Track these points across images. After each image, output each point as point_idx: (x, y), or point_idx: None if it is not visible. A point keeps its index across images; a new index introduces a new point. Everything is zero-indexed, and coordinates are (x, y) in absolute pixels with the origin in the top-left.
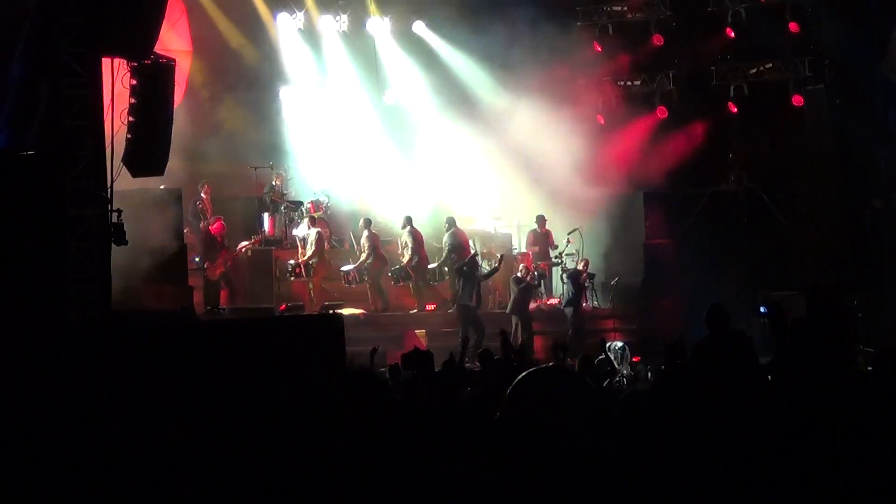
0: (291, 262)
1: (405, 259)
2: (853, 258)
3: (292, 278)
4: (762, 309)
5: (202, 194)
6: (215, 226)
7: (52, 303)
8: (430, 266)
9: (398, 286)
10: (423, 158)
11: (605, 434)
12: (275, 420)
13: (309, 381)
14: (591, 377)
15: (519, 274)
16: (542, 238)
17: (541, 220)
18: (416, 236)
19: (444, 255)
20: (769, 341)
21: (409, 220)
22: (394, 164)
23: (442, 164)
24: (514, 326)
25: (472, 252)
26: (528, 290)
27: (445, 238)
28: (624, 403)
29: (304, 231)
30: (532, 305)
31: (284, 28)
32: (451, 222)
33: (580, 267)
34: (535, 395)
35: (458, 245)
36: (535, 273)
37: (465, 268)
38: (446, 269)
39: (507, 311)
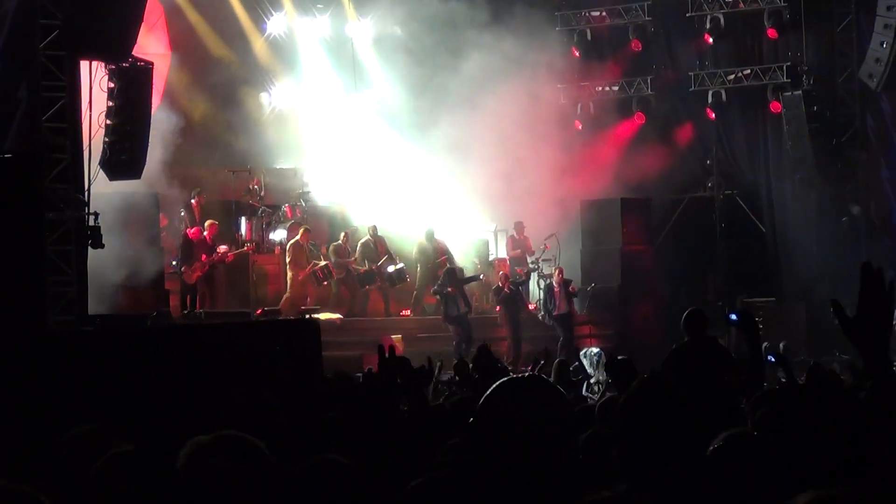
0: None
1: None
2: (830, 264)
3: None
4: (732, 316)
5: (192, 201)
6: (193, 230)
7: (29, 305)
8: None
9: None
10: (400, 163)
11: (579, 442)
12: (250, 424)
13: (285, 386)
14: (566, 383)
15: (499, 284)
16: (520, 244)
17: (519, 226)
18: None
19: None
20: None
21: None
22: (371, 168)
23: (419, 169)
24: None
25: (446, 267)
26: (511, 300)
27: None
28: (599, 410)
29: (281, 236)
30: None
31: (263, 31)
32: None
33: (556, 278)
34: (508, 404)
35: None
36: (520, 277)
37: (441, 286)
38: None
39: (499, 321)
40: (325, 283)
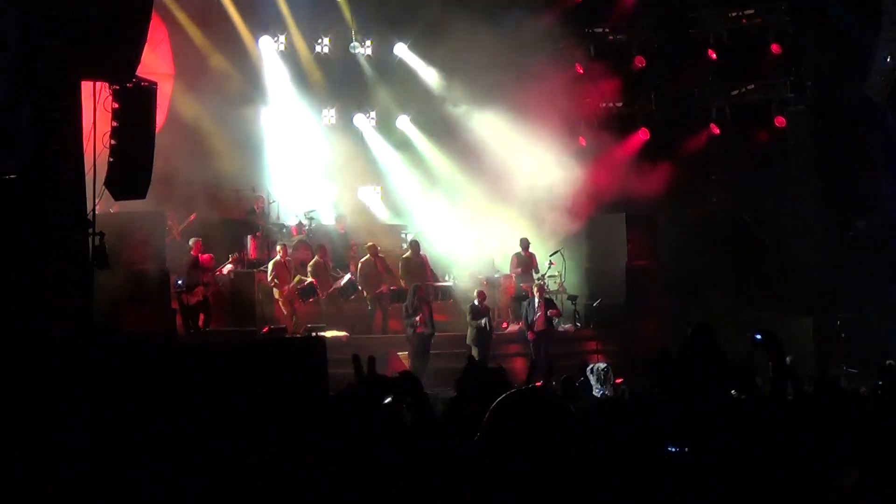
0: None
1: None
2: (836, 278)
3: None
4: (756, 337)
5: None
6: (194, 249)
7: (34, 326)
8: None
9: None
10: (405, 181)
11: (587, 456)
12: (257, 444)
13: (291, 404)
14: (572, 399)
15: (475, 302)
16: (525, 261)
17: (525, 243)
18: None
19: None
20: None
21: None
22: (375, 187)
23: (423, 187)
24: (477, 357)
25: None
26: (479, 317)
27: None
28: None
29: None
30: (514, 328)
31: (266, 51)
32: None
33: (537, 294)
34: (515, 418)
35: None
36: (523, 291)
37: (410, 303)
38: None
39: (466, 341)
40: (311, 299)
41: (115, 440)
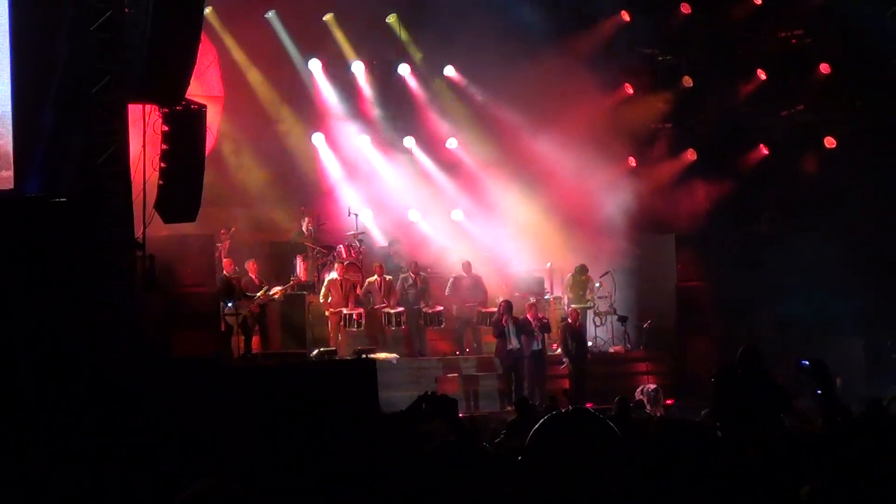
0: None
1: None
2: (887, 299)
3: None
4: (804, 362)
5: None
6: (226, 268)
7: (85, 348)
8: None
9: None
10: (454, 202)
11: (629, 477)
12: (308, 465)
13: (342, 427)
14: (627, 420)
15: (569, 320)
16: (581, 283)
17: (583, 269)
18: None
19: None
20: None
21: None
22: (424, 208)
23: (474, 208)
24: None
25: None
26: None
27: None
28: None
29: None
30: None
31: (316, 72)
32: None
33: (529, 313)
34: (557, 439)
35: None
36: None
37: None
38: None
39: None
40: (354, 330)
41: (168, 462)
